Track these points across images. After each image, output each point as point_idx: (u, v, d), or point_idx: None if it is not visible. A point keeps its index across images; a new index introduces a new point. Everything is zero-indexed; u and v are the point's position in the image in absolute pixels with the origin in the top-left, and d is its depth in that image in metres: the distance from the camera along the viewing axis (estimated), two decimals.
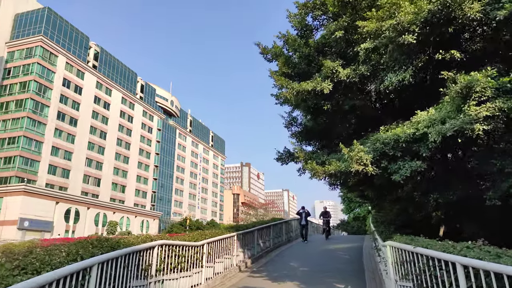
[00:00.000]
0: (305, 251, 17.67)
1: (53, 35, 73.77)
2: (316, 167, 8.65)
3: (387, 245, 7.70)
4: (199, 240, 9.98)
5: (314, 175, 9.04)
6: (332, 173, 8.43)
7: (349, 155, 8.03)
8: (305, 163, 9.60)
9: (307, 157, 9.69)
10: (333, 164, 8.39)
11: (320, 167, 8.66)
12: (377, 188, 11.51)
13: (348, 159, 8.02)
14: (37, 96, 68.11)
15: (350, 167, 7.79)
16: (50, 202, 67.37)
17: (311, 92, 9.49)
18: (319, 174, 8.63)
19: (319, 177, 8.70)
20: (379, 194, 13.36)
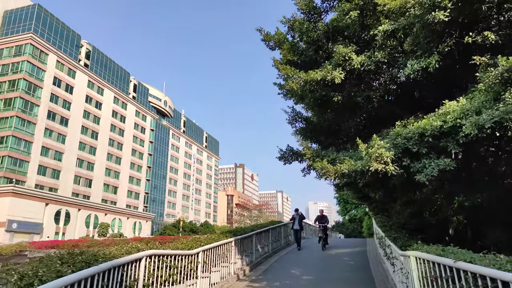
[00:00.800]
0: (306, 256, 16.65)
1: (44, 33, 72.17)
2: (327, 166, 7.65)
3: (411, 256, 6.69)
4: (194, 248, 8.91)
5: (323, 175, 8.04)
6: (345, 173, 7.43)
7: (366, 152, 7.03)
8: (312, 162, 8.60)
9: (315, 155, 8.67)
10: (347, 163, 7.39)
11: (331, 166, 7.66)
12: (389, 190, 10.54)
13: (366, 156, 7.02)
14: (27, 95, 66.48)
15: (368, 165, 6.78)
16: (39, 204, 65.77)
17: (320, 82, 8.49)
18: (329, 174, 7.63)
19: (330, 177, 7.70)
20: (390, 196, 12.38)
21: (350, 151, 8.76)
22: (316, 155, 8.62)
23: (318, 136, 11.40)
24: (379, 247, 14.24)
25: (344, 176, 7.62)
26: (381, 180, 7.76)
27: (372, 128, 9.83)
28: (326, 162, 7.79)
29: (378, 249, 14.86)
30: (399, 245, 8.61)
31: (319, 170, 7.88)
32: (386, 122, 9.55)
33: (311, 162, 8.72)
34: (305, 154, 8.80)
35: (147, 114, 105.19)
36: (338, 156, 8.32)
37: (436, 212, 10.29)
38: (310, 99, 9.53)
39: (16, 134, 63.94)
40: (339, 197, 66.69)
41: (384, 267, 12.03)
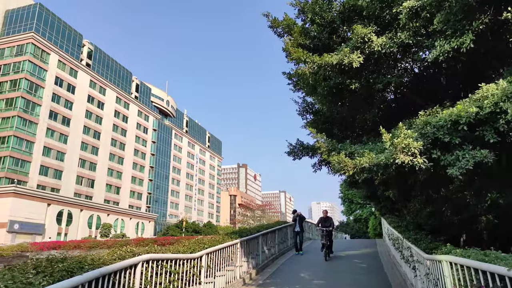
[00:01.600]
0: (315, 258, 15.83)
1: (45, 32, 71.66)
2: (344, 159, 6.85)
3: (443, 261, 5.88)
4: (196, 251, 8.13)
5: (339, 170, 7.25)
6: (365, 167, 6.64)
7: (391, 142, 6.23)
8: (327, 156, 7.81)
9: (330, 148, 7.87)
10: (367, 156, 6.60)
11: (349, 159, 6.87)
12: (406, 187, 9.74)
13: (390, 148, 6.22)
14: (28, 95, 65.95)
15: (393, 158, 5.99)
16: (41, 204, 65.23)
17: (335, 67, 7.71)
18: (347, 169, 6.84)
19: (347, 172, 6.90)
20: (405, 194, 11.56)
21: (369, 143, 7.95)
22: (332, 149, 7.82)
23: (331, 129, 10.56)
24: (393, 248, 13.42)
25: (364, 171, 6.83)
26: (404, 175, 6.97)
27: (389, 120, 9.02)
28: (343, 156, 7.00)
29: (392, 251, 14.05)
30: (423, 248, 7.80)
31: (336, 165, 7.09)
32: (406, 114, 8.74)
33: (325, 156, 7.94)
34: (319, 148, 7.99)
35: (149, 114, 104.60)
36: (356, 149, 7.52)
37: (459, 211, 9.49)
38: (324, 87, 8.69)
39: (18, 134, 63.41)
40: (344, 197, 65.81)
41: (401, 270, 11.21)
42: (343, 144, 8.01)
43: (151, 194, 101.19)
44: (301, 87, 10.60)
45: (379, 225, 49.30)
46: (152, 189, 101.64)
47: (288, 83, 10.67)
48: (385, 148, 6.68)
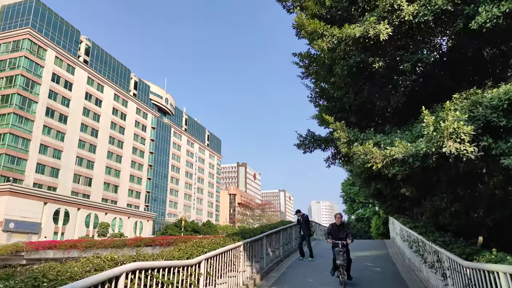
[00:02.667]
0: (323, 261, 14.70)
1: (42, 28, 70.42)
2: (372, 150, 5.77)
3: (500, 272, 4.76)
4: (194, 256, 7.01)
5: (365, 163, 6.13)
6: (397, 159, 5.56)
7: (436, 127, 5.12)
8: (347, 147, 6.71)
9: (352, 138, 6.75)
10: (400, 145, 5.51)
11: (376, 150, 5.78)
12: (431, 183, 8.64)
13: (433, 134, 5.11)
14: (24, 92, 64.73)
15: (438, 146, 4.90)
16: (37, 203, 64.09)
17: (358, 41, 6.61)
18: (375, 161, 5.76)
19: (375, 165, 5.82)
20: (426, 191, 10.47)
21: (396, 132, 6.82)
22: (353, 139, 6.71)
23: (347, 117, 9.36)
24: (409, 251, 12.31)
25: (396, 163, 5.73)
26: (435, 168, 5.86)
27: (414, 107, 7.91)
28: (371, 146, 5.90)
29: (407, 254, 12.95)
30: (458, 253, 6.69)
31: (361, 157, 5.99)
32: (433, 99, 7.61)
33: (344, 148, 6.84)
34: (337, 139, 6.86)
35: (148, 111, 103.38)
36: (382, 139, 6.41)
37: (491, 210, 8.42)
38: (343, 67, 7.53)
39: (14, 131, 62.19)
40: (345, 196, 64.86)
41: (422, 276, 10.11)
42: (367, 133, 6.88)
43: (150, 193, 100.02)
44: (312, 72, 9.47)
45: (382, 224, 48.25)
46: (151, 188, 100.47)
47: (299, 66, 9.50)
48: (419, 136, 5.57)
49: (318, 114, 12.82)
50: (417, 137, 5.91)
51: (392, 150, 5.59)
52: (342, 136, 6.73)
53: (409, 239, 12.06)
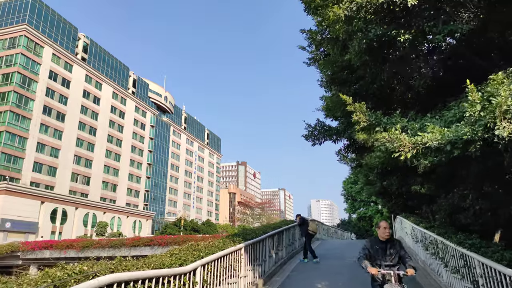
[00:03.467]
0: (328, 263, 13.79)
1: (39, 25, 69.38)
2: (400, 137, 4.85)
3: None
4: (188, 261, 6.06)
5: (390, 153, 5.20)
6: (431, 147, 4.65)
7: (484, 106, 4.18)
8: (367, 133, 5.80)
9: (374, 122, 5.80)
10: (435, 131, 4.58)
11: (405, 136, 4.87)
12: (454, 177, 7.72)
13: (480, 114, 4.18)
14: (21, 89, 63.73)
15: (488, 128, 3.98)
16: (35, 202, 63.15)
17: (381, 7, 5.69)
18: (404, 149, 4.84)
19: (403, 155, 4.90)
20: (448, 188, 9.54)
21: (426, 117, 5.86)
22: (375, 123, 5.76)
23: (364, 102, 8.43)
24: (424, 253, 11.37)
25: (428, 152, 4.81)
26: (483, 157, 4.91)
27: (440, 91, 6.99)
28: (398, 132, 4.97)
29: (421, 256, 12.01)
30: (496, 259, 5.75)
31: (386, 144, 5.07)
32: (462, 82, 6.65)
33: (362, 135, 5.93)
34: (356, 123, 5.88)
35: (147, 110, 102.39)
36: (410, 124, 5.47)
37: None
38: (361, 41, 6.58)
39: (10, 129, 61.20)
40: (347, 194, 63.92)
41: (441, 281, 9.18)
42: (392, 117, 5.91)
43: (149, 191, 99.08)
44: (319, 58, 8.53)
45: None
46: (150, 187, 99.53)
47: (307, 45, 8.56)
48: (453, 121, 4.65)
49: (325, 106, 11.87)
50: (450, 122, 4.99)
51: (425, 137, 4.66)
52: (362, 119, 5.79)
53: (424, 240, 11.13)
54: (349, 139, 8.26)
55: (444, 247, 8.64)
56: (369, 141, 5.98)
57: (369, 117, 5.77)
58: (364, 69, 7.56)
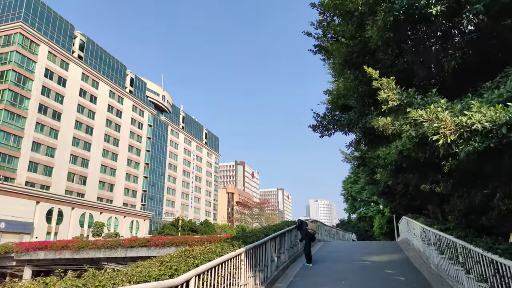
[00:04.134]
0: (334, 267, 12.95)
1: (34, 22, 68.33)
2: (443, 114, 4.04)
3: None
4: (181, 271, 5.20)
5: (422, 137, 4.37)
6: (479, 129, 3.83)
7: None
8: (394, 114, 4.96)
9: (406, 101, 4.97)
10: (485, 110, 3.76)
11: (448, 116, 4.05)
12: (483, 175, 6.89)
13: None
14: (16, 87, 62.70)
15: None
16: (30, 202, 62.17)
17: None
18: (444, 132, 4.02)
19: (443, 139, 4.08)
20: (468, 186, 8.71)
21: (467, 97, 5.02)
22: (408, 103, 4.93)
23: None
24: (439, 257, 10.52)
25: (474, 135, 3.99)
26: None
27: (466, 76, 6.17)
28: (441, 109, 4.14)
29: (435, 260, 11.16)
30: None
31: (423, 125, 4.24)
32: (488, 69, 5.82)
33: (391, 117, 5.08)
34: (384, 102, 5.08)
35: (144, 109, 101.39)
36: (451, 105, 4.64)
37: None
38: (387, 13, 5.68)
39: (5, 128, 60.17)
40: (347, 194, 63.15)
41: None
42: (428, 95, 5.05)
43: (146, 191, 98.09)
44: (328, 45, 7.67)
45: (386, 224, 46.61)
46: (148, 187, 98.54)
47: (312, 36, 7.73)
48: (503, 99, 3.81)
49: (330, 99, 11.04)
50: (496, 104, 4.14)
51: (473, 117, 3.83)
52: (391, 97, 4.96)
53: (439, 243, 10.29)
54: (363, 129, 7.44)
55: (466, 252, 7.80)
56: (391, 128, 5.17)
57: (400, 95, 4.93)
58: (384, 50, 6.68)
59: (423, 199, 20.47)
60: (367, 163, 18.60)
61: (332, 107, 9.91)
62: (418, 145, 4.48)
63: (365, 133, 7.33)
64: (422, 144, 4.35)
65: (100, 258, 45.26)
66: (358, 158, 20.17)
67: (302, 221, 14.38)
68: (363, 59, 7.52)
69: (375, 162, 14.29)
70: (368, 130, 7.08)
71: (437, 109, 4.22)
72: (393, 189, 21.60)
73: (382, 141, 7.48)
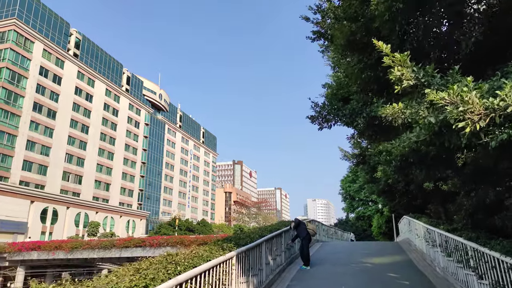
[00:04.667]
0: (333, 270, 12.27)
1: (29, 19, 67.39)
2: (470, 96, 3.38)
3: None
4: (158, 280, 4.50)
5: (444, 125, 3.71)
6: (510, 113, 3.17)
7: None
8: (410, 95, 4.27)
9: (424, 80, 4.30)
10: None
11: (476, 97, 3.39)
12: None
13: None
14: (10, 85, 61.75)
15: None
16: (24, 201, 61.34)
17: None
18: (472, 116, 3.36)
19: (469, 126, 3.42)
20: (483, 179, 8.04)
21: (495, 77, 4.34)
22: (425, 82, 4.24)
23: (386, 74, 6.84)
24: (446, 260, 9.86)
25: (509, 119, 3.32)
26: None
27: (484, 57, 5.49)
28: (468, 90, 3.48)
29: (440, 263, 10.50)
30: None
31: (445, 109, 3.57)
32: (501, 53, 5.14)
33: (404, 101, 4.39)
34: (397, 81, 4.39)
35: (141, 107, 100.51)
36: (477, 84, 3.97)
37: None
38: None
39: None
40: (345, 193, 62.58)
41: None
42: (450, 74, 4.33)
43: (143, 191, 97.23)
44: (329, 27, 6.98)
45: (385, 223, 46.01)
46: (144, 186, 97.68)
47: (310, 21, 7.04)
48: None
49: (329, 92, 10.35)
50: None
51: (507, 97, 3.16)
52: (406, 76, 4.26)
53: (445, 245, 9.62)
54: (367, 119, 6.75)
55: (479, 256, 7.14)
56: (401, 117, 4.49)
57: (416, 73, 4.24)
58: (391, 27, 5.98)
59: (424, 198, 19.86)
60: (367, 161, 17.95)
61: (331, 101, 9.22)
62: (436, 135, 3.82)
63: (370, 124, 6.64)
64: (440, 134, 3.71)
65: (95, 259, 44.55)
66: (358, 155, 19.48)
67: (300, 221, 13.69)
68: (368, 39, 6.79)
69: (376, 159, 13.67)
70: (373, 121, 6.42)
71: (462, 89, 3.55)
72: (394, 188, 20.98)
73: (389, 133, 6.80)
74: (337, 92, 8.53)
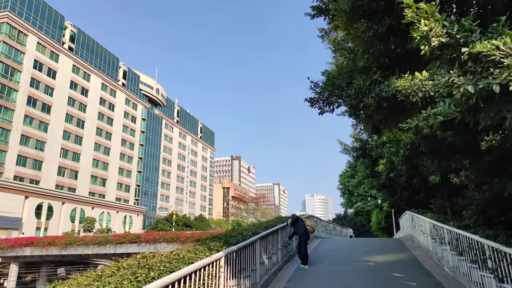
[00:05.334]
0: (333, 269, 11.47)
1: (22, 12, 66.11)
2: None
3: None
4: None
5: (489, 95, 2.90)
6: None
7: None
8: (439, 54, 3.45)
9: (458, 37, 3.44)
10: None
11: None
12: None
13: None
14: (3, 79, 60.62)
15: None
16: (18, 197, 60.39)
17: None
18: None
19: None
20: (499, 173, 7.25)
21: None
22: (460, 40, 3.37)
23: (398, 44, 5.88)
24: (457, 259, 9.06)
25: None
26: None
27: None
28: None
29: (450, 261, 9.71)
30: None
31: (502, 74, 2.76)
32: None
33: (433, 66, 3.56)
34: (423, 41, 3.53)
35: (138, 102, 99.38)
36: None
37: None
38: None
39: None
40: (343, 188, 61.88)
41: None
42: (493, 28, 3.46)
43: (140, 186, 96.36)
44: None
45: (384, 219, 45.34)
46: (141, 181, 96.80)
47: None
48: None
49: (330, 77, 9.47)
50: None
51: None
52: (437, 31, 3.41)
53: (456, 243, 8.83)
54: (377, 99, 5.86)
55: (501, 256, 6.34)
56: (422, 90, 3.66)
57: (449, 29, 3.36)
58: None
59: (427, 193, 19.08)
60: (367, 154, 17.12)
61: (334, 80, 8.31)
62: (471, 110, 3.00)
63: (380, 105, 5.73)
64: (476, 109, 2.90)
65: (89, 255, 43.75)
66: (358, 148, 18.67)
67: (298, 217, 12.87)
68: (378, 4, 5.83)
69: (379, 151, 12.88)
70: (382, 102, 5.54)
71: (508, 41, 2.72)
72: (395, 182, 20.20)
73: (402, 115, 5.90)
74: (339, 76, 7.66)
